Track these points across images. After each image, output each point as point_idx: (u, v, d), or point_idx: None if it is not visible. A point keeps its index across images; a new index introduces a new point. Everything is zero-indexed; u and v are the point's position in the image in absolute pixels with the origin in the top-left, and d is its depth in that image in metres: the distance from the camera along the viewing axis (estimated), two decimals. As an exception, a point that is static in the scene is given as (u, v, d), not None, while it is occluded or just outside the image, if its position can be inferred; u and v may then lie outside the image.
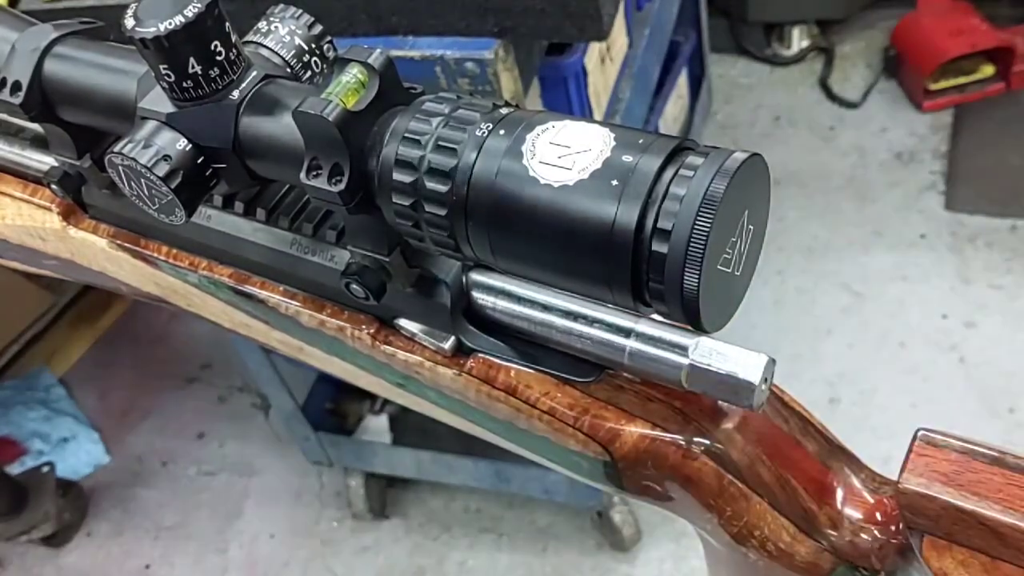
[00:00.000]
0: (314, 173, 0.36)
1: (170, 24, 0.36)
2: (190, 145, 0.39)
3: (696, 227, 0.31)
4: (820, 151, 2.17)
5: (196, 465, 1.95)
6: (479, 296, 0.42)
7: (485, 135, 0.35)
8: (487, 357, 0.42)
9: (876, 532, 0.40)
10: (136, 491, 1.93)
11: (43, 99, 0.43)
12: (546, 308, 0.40)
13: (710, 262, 0.32)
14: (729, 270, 0.34)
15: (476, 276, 0.42)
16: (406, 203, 0.35)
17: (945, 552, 0.37)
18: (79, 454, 1.97)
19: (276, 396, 1.65)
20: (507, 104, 0.36)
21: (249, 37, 0.42)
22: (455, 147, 0.35)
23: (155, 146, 0.38)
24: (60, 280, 0.62)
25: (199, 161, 0.39)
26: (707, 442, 0.38)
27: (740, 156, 0.32)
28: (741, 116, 2.31)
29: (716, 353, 0.37)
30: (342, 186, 0.36)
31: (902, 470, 0.37)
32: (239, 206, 0.46)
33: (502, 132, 0.34)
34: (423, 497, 1.79)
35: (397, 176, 0.35)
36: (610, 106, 1.35)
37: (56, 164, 0.50)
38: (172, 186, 0.39)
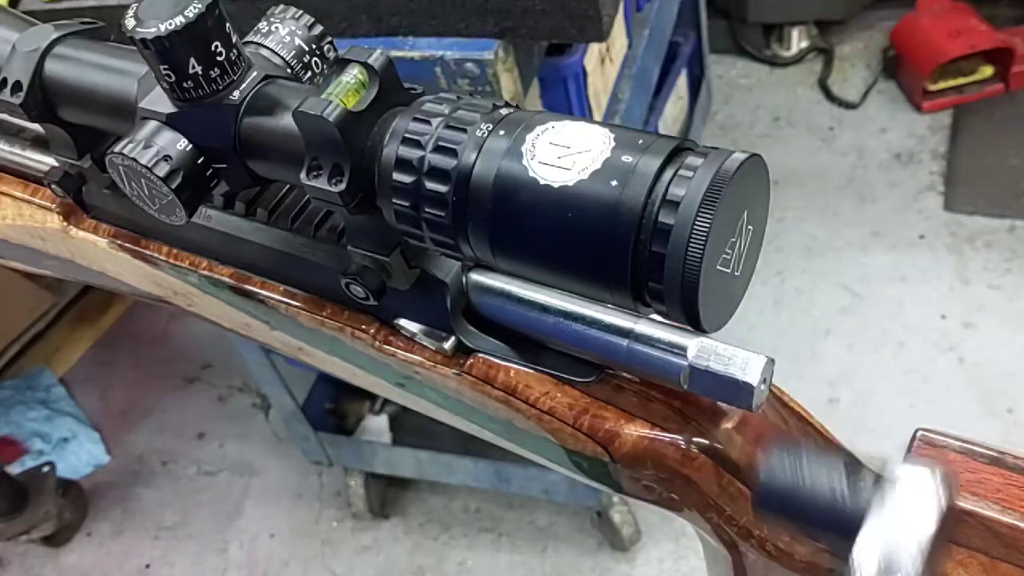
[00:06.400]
0: (314, 174, 0.36)
1: (171, 24, 0.36)
2: (190, 145, 0.39)
3: (696, 227, 0.31)
4: (819, 151, 2.17)
5: (196, 465, 1.95)
6: (479, 296, 0.42)
7: (485, 136, 0.35)
8: (487, 357, 0.42)
9: (875, 532, 0.40)
10: (136, 491, 1.93)
11: (43, 99, 0.43)
12: (546, 308, 0.40)
13: (710, 262, 0.32)
14: (728, 270, 0.34)
15: (476, 276, 0.42)
16: (406, 204, 0.36)
17: (944, 552, 0.37)
18: (79, 454, 1.97)
19: (276, 396, 1.65)
20: (507, 104, 0.36)
21: (249, 37, 0.42)
22: (455, 148, 0.35)
23: (155, 146, 0.38)
24: (60, 280, 0.62)
25: (199, 161, 0.39)
26: (706, 442, 0.38)
27: (740, 156, 0.32)
28: (741, 116, 2.31)
29: (715, 354, 0.37)
30: (342, 186, 0.36)
31: (901, 470, 0.37)
32: (240, 206, 0.46)
33: (502, 132, 0.34)
34: (423, 497, 1.79)
35: (397, 177, 0.35)
36: (610, 107, 1.35)
37: (56, 164, 0.50)
38: (172, 186, 0.39)
